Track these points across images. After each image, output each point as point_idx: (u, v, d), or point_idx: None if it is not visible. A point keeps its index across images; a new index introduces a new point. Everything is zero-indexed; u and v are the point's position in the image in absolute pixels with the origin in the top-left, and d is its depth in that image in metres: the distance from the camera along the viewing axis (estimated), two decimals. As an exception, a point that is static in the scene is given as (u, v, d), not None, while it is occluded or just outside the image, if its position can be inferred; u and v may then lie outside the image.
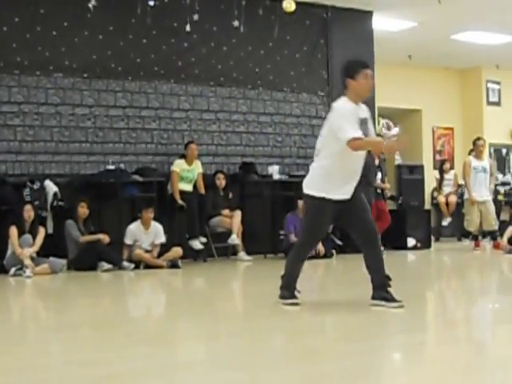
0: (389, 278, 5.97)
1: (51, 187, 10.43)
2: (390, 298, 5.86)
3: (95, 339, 5.09)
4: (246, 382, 3.70)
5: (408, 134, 16.53)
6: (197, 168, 11.38)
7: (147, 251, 10.34)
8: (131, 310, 7.14)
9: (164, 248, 10.45)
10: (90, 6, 10.58)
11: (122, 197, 10.99)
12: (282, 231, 11.84)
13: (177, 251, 10.43)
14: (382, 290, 5.91)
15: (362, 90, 6.02)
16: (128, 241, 10.34)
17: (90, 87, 11.19)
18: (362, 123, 5.99)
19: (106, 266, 9.92)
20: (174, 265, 10.28)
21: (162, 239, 10.48)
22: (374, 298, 5.95)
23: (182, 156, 11.33)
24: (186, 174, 11.24)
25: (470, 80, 17.94)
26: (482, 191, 12.74)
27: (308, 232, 6.18)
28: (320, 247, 11.43)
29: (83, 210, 10.23)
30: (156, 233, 10.46)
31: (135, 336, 5.11)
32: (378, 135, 13.19)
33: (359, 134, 5.83)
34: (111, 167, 11.04)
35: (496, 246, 12.52)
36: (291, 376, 3.79)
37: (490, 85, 17.93)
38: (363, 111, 6.09)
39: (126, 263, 10.13)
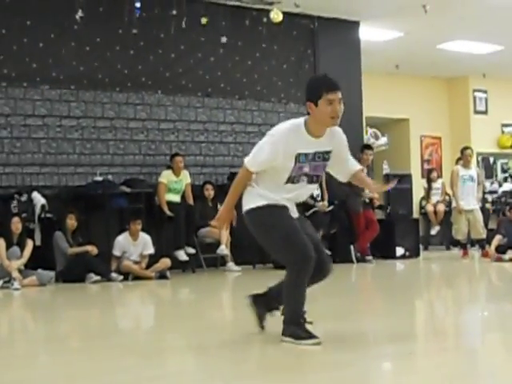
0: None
1: (39, 199, 10.38)
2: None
3: (83, 351, 5.06)
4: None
5: (396, 144, 16.66)
6: (185, 179, 11.37)
7: (136, 262, 10.32)
8: (119, 322, 7.11)
9: (153, 259, 10.43)
10: (77, 17, 10.59)
11: (110, 208, 10.96)
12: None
13: (165, 262, 10.40)
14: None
15: (323, 117, 4.94)
16: (116, 252, 10.31)
17: (78, 99, 11.17)
18: (317, 158, 4.90)
19: (95, 277, 9.87)
20: (162, 276, 10.26)
21: (151, 250, 10.45)
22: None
23: (169, 167, 11.32)
24: (174, 186, 11.22)
25: (457, 89, 18.02)
26: (469, 200, 12.78)
27: None
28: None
29: (71, 222, 10.19)
30: (144, 244, 10.44)
31: (123, 348, 5.09)
32: (366, 145, 13.30)
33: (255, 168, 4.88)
34: (99, 179, 11.01)
35: (484, 255, 12.55)
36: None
37: (476, 94, 18.01)
38: (327, 143, 4.95)
39: (114, 275, 10.09)
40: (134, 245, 10.38)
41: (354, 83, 13.45)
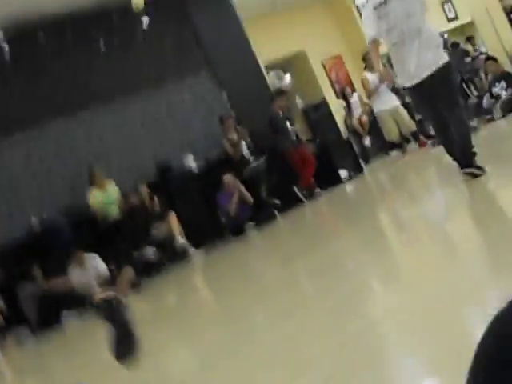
0: None
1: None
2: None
3: None
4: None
5: (301, 76, 16.62)
6: (112, 190, 11.07)
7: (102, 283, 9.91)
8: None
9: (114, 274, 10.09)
10: None
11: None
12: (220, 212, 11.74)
13: (127, 271, 9.95)
14: None
15: None
16: (80, 290, 9.76)
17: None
18: None
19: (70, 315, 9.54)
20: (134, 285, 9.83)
21: (103, 266, 10.03)
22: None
23: (91, 183, 10.99)
24: (106, 200, 10.93)
25: (340, 9, 18.00)
26: (387, 100, 12.78)
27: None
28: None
29: (37, 272, 9.92)
30: (93, 263, 9.98)
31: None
32: (278, 91, 13.14)
33: None
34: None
35: (422, 145, 12.64)
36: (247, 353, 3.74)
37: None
38: None
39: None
40: (85, 271, 9.89)
41: (237, 33, 13.34)
